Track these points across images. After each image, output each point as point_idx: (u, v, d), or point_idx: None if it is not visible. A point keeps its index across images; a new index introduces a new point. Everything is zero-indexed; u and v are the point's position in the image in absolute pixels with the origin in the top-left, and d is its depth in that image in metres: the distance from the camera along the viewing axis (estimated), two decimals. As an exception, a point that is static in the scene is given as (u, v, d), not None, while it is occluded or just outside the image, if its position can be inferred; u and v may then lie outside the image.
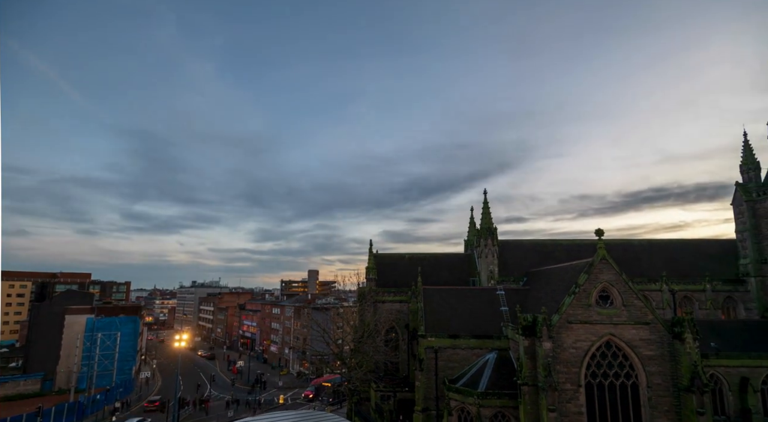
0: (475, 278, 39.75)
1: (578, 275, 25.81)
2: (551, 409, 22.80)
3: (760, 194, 36.62)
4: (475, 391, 25.72)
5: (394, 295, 39.56)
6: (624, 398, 23.73)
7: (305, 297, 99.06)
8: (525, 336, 25.01)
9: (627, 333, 24.45)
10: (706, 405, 22.58)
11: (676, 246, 42.33)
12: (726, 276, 37.38)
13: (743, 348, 29.03)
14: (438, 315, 32.57)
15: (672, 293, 35.05)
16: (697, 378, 22.73)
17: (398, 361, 37.37)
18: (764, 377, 27.85)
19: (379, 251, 45.12)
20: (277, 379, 68.89)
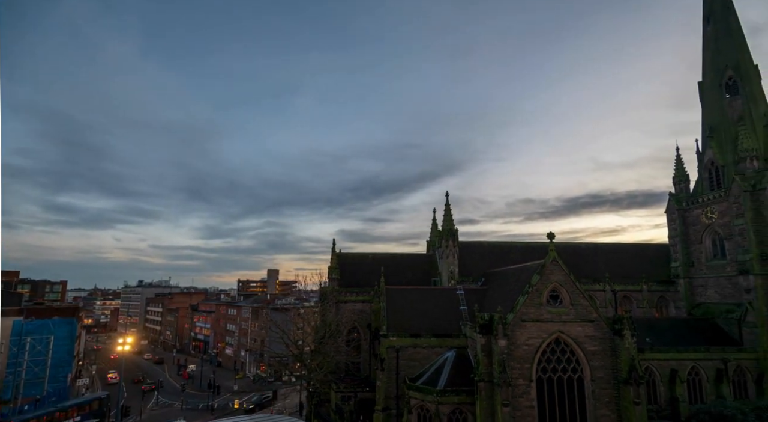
0: (437, 279, 40.75)
1: (531, 276, 27.27)
2: (505, 404, 23.91)
3: (689, 204, 40.62)
4: (435, 389, 26.39)
5: (357, 295, 39.57)
6: (570, 391, 25.38)
7: (264, 297, 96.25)
8: (482, 334, 26.05)
9: (574, 330, 26.17)
10: (642, 395, 24.73)
11: (618, 250, 46.65)
12: (660, 278, 41.20)
13: (673, 343, 32.13)
14: (400, 315, 33.01)
15: (614, 293, 38.10)
16: (634, 371, 24.81)
17: (360, 361, 37.45)
18: (689, 369, 31.02)
19: (342, 251, 44.92)
20: (232, 383, 66.40)
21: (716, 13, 42.08)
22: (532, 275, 27.31)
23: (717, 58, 41.31)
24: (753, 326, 32.59)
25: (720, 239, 37.42)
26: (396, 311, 33.35)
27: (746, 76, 39.35)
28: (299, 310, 54.70)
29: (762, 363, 31.77)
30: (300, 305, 62.33)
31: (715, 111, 40.79)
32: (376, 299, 36.75)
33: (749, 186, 34.93)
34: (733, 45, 40.66)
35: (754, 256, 33.74)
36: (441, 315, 32.78)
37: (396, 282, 37.27)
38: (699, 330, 34.60)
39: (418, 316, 32.97)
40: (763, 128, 38.00)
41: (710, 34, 42.63)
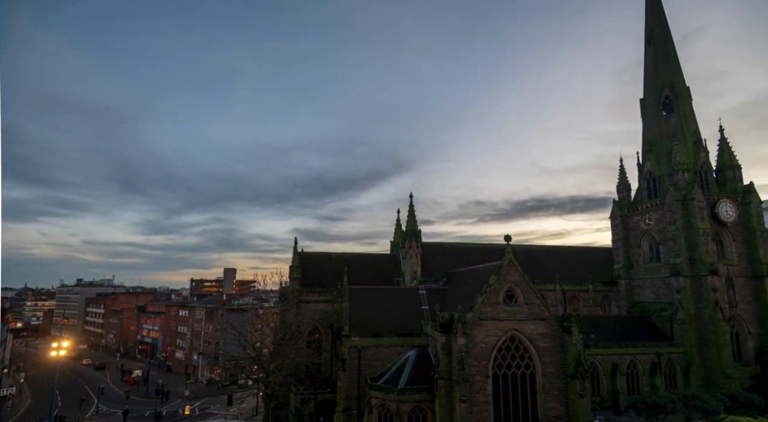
0: (400, 279, 41.29)
1: (489, 276, 28.43)
2: (463, 400, 24.74)
3: (630, 211, 44.23)
4: (396, 388, 26.74)
5: (319, 295, 39.11)
6: (523, 386, 26.76)
7: (219, 298, 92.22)
8: (442, 333, 26.76)
9: (527, 328, 27.61)
10: (587, 388, 26.60)
11: (567, 252, 50.08)
12: (604, 278, 44.54)
13: (614, 339, 34.85)
14: (363, 315, 33.08)
15: (563, 293, 40.67)
16: (580, 366, 26.62)
17: (321, 362, 37.01)
18: (628, 362, 33.81)
19: (304, 250, 44.19)
20: (182, 388, 63.04)
21: (656, 38, 46.09)
22: (489, 276, 28.47)
23: (656, 79, 45.23)
24: (682, 323, 36.14)
25: (656, 243, 41.05)
26: (359, 311, 33.39)
27: (680, 97, 43.44)
28: (257, 311, 53.04)
29: (689, 356, 35.34)
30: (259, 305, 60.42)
31: (653, 127, 44.66)
32: (338, 299, 36.56)
33: (681, 196, 38.56)
34: (670, 67, 44.71)
35: (684, 259, 37.34)
36: (403, 315, 33.25)
37: (359, 282, 37.30)
38: (637, 326, 37.84)
39: (381, 316, 33.22)
40: (692, 143, 42.17)
41: (650, 56, 46.60)
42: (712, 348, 34.77)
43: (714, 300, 35.49)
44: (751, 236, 38.93)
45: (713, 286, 35.94)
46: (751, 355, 36.45)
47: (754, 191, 39.89)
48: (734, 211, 39.14)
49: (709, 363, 34.84)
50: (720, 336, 34.51)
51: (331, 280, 39.08)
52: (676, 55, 45.64)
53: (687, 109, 43.75)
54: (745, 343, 36.76)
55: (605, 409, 31.80)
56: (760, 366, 36.00)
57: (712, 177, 41.51)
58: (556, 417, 26.14)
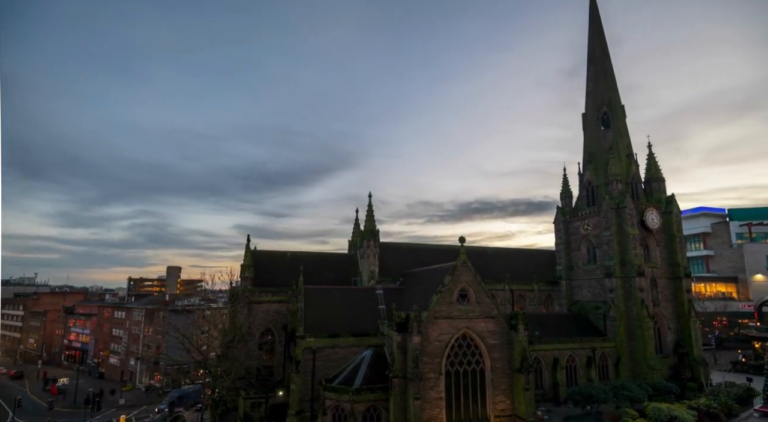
0: (358, 278, 41.25)
1: (444, 277, 29.22)
2: (417, 397, 25.24)
3: (571, 216, 47.75)
4: (350, 388, 26.64)
5: (272, 295, 38.00)
6: (473, 381, 27.81)
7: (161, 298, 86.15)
8: (398, 332, 27.11)
9: (478, 326, 28.75)
10: (531, 382, 28.24)
11: (516, 254, 53.05)
12: (548, 279, 47.68)
13: (556, 335, 37.40)
14: (318, 315, 32.63)
15: (511, 292, 42.93)
16: (525, 361, 28.21)
17: (273, 365, 35.93)
18: (568, 357, 36.45)
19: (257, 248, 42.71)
20: (117, 396, 58.10)
21: (596, 57, 50.14)
22: (445, 276, 29.28)
23: (596, 96, 49.20)
24: (614, 319, 39.64)
25: (593, 247, 44.65)
26: (314, 311, 32.89)
27: (616, 113, 47.61)
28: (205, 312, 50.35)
29: (619, 350, 38.83)
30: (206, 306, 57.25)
31: (593, 140, 48.51)
32: (293, 300, 35.79)
33: (615, 204, 42.24)
34: (608, 86, 48.82)
35: (616, 262, 40.97)
36: (360, 315, 33.25)
37: (316, 282, 36.75)
38: (575, 323, 40.93)
39: (337, 316, 32.97)
40: (626, 157, 46.37)
41: (591, 74, 50.60)
42: (638, 342, 38.49)
43: (641, 299, 39.31)
44: (671, 241, 43.56)
45: (640, 286, 39.78)
46: (670, 348, 40.83)
47: (674, 202, 44.68)
48: (659, 219, 43.57)
49: (635, 355, 38.54)
50: (645, 331, 38.30)
51: (286, 280, 38.17)
52: (614, 76, 49.96)
53: (622, 125, 48.00)
54: (665, 337, 41.11)
55: (547, 401, 34.04)
56: (676, 358, 40.44)
57: (641, 188, 45.87)
58: (503, 410, 27.49)
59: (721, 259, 68.12)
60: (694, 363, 39.64)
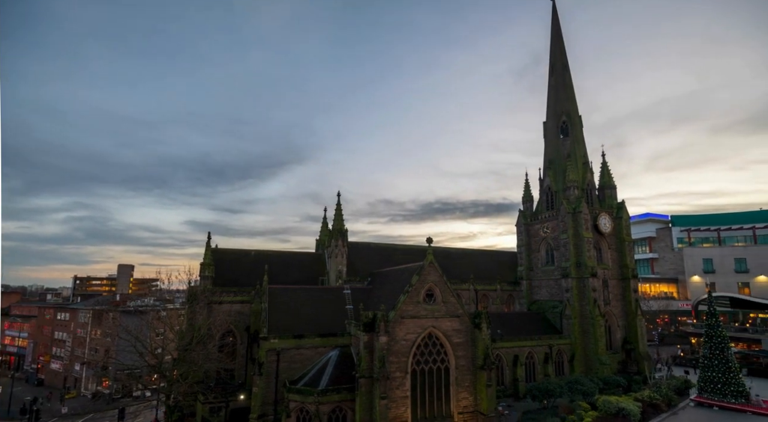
0: (325, 278, 40.73)
1: (411, 277, 29.53)
2: (383, 397, 25.28)
3: (532, 220, 49.88)
4: (316, 389, 26.23)
5: (235, 295, 36.65)
6: (438, 379, 28.29)
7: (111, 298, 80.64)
8: (365, 332, 27.06)
9: (444, 325, 29.29)
10: (492, 378, 29.13)
11: (480, 255, 54.52)
12: (510, 279, 49.47)
13: (516, 333, 38.85)
14: (284, 315, 31.91)
15: (475, 292, 44.15)
16: (488, 358, 29.07)
17: (234, 368, 34.62)
18: (527, 354, 37.96)
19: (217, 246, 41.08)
20: (59, 405, 53.64)
21: (557, 69, 52.80)
22: (412, 276, 29.57)
23: (556, 106, 51.75)
24: (569, 318, 41.79)
25: (551, 249, 46.87)
26: (279, 311, 32.13)
27: (574, 123, 50.33)
28: (160, 313, 47.73)
29: (574, 347, 40.97)
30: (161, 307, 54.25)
31: (553, 147, 50.96)
32: (257, 300, 34.69)
33: (571, 209, 44.60)
34: (567, 98, 51.53)
35: (572, 263, 43.26)
36: (327, 315, 32.87)
37: (282, 281, 35.91)
38: (534, 322, 42.74)
39: (303, 316, 32.39)
40: (582, 164, 49.11)
41: (552, 85, 53.19)
42: (591, 339, 40.82)
43: (593, 299, 41.73)
44: (621, 245, 46.61)
45: (593, 287, 42.24)
46: (619, 344, 43.65)
47: (624, 208, 47.87)
48: (610, 224, 46.49)
49: (588, 352, 40.85)
50: (597, 329, 40.70)
51: (250, 279, 37.02)
52: (573, 89, 52.74)
53: (579, 134, 50.80)
54: (615, 334, 43.90)
55: (507, 396, 35.28)
56: (624, 353, 43.31)
57: (595, 194, 48.76)
58: (466, 407, 28.17)
59: (664, 261, 73.85)
60: (640, 357, 42.64)
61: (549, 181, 49.20)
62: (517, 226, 50.96)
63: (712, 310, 37.15)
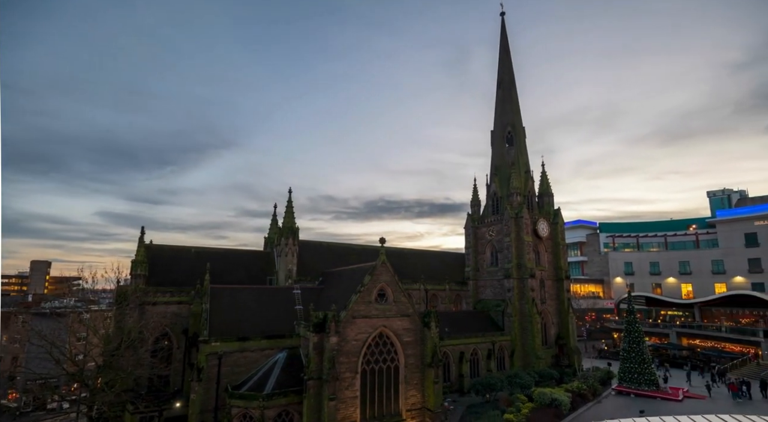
0: (273, 278, 39.16)
1: (364, 276, 29.43)
2: (331, 398, 24.83)
3: (479, 223, 52.20)
4: (261, 394, 25.07)
5: (171, 295, 34.02)
6: (388, 378, 28.40)
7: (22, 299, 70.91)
8: (315, 333, 26.43)
9: (395, 324, 29.51)
10: (439, 375, 29.84)
11: (431, 255, 55.98)
12: (458, 279, 51.24)
13: (462, 331, 40.26)
14: (226, 317, 30.19)
15: (426, 292, 45.17)
16: (435, 356, 29.74)
17: (170, 374, 32.01)
18: (472, 350, 39.48)
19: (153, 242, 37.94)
20: (-56, 425, 45.83)
21: (504, 82, 55.90)
22: (364, 276, 29.47)
23: (502, 117, 54.66)
24: (510, 316, 44.22)
25: (496, 251, 49.34)
26: (222, 312, 30.35)
27: (518, 134, 53.56)
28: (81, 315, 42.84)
29: (514, 343, 43.39)
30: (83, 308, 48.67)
31: (499, 155, 53.76)
32: (197, 300, 32.49)
33: (514, 214, 47.36)
34: (513, 110, 54.64)
35: (514, 265, 45.89)
36: (275, 316, 31.64)
37: (226, 281, 34.00)
38: (479, 320, 44.63)
39: (248, 317, 30.87)
40: (524, 172, 52.37)
41: (500, 97, 56.15)
42: (529, 336, 43.53)
43: (532, 298, 44.58)
44: (557, 248, 50.35)
45: (532, 287, 45.13)
46: (553, 340, 47.01)
47: (560, 215, 51.79)
48: (548, 229, 50.03)
49: (527, 347, 43.51)
50: (534, 326, 43.50)
51: (189, 278, 34.61)
52: (518, 100, 56.02)
53: (522, 145, 54.10)
54: (550, 331, 47.23)
55: (453, 392, 36.40)
56: (557, 348, 46.73)
57: (535, 201, 52.22)
58: (414, 404, 28.57)
59: (592, 264, 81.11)
60: (571, 351, 46.28)
61: (495, 187, 51.80)
62: (465, 229, 52.98)
63: (631, 308, 41.51)
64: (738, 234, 65.01)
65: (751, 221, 63.97)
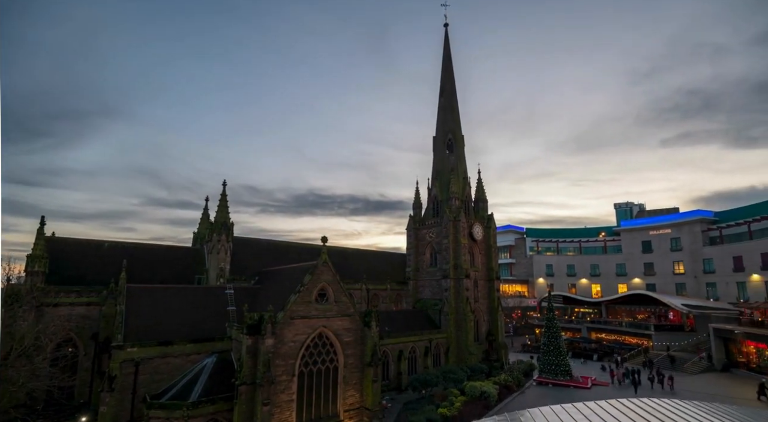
0: (203, 277, 36.17)
1: (304, 276, 28.49)
2: (265, 403, 23.51)
3: (420, 225, 53.57)
4: (185, 402, 22.87)
5: (78, 295, 29.86)
6: (326, 379, 27.69)
7: None
8: (249, 335, 24.89)
9: (335, 324, 28.94)
10: (378, 374, 29.85)
11: (373, 255, 56.24)
12: (399, 279, 51.97)
13: (402, 329, 40.79)
14: (146, 319, 27.21)
15: (367, 291, 45.08)
16: (375, 355, 29.71)
17: (75, 385, 27.91)
18: (410, 348, 40.13)
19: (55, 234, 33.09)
20: None
21: (446, 91, 58.20)
22: (304, 275, 28.54)
23: (444, 124, 56.77)
24: (447, 314, 45.87)
25: (435, 252, 50.96)
26: (140, 314, 27.31)
27: (457, 141, 55.97)
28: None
29: (449, 340, 45.04)
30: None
31: (440, 161, 55.67)
32: (110, 301, 28.98)
33: (452, 217, 49.35)
34: (453, 119, 56.97)
35: (451, 266, 47.75)
36: (204, 318, 29.21)
37: (146, 280, 30.71)
38: (418, 318, 45.64)
39: (173, 320, 28.11)
40: (462, 179, 54.84)
41: (442, 105, 58.30)
42: (463, 333, 45.50)
43: (466, 297, 46.71)
44: (489, 251, 53.42)
45: (467, 286, 47.30)
46: (484, 336, 49.67)
47: (493, 219, 55.04)
48: (482, 232, 52.88)
49: (461, 344, 45.41)
50: (468, 323, 45.60)
51: (101, 276, 30.85)
52: (458, 111, 58.47)
53: (461, 152, 56.60)
54: (481, 328, 49.84)
55: (391, 390, 36.64)
56: (488, 343, 49.48)
57: (472, 206, 54.95)
58: (352, 404, 28.19)
59: (519, 266, 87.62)
60: (499, 347, 49.31)
61: (436, 191, 53.55)
62: (407, 230, 54.00)
63: (551, 306, 45.53)
64: (636, 242, 74.66)
65: (647, 231, 73.91)
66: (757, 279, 56.09)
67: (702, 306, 56.54)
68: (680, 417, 13.72)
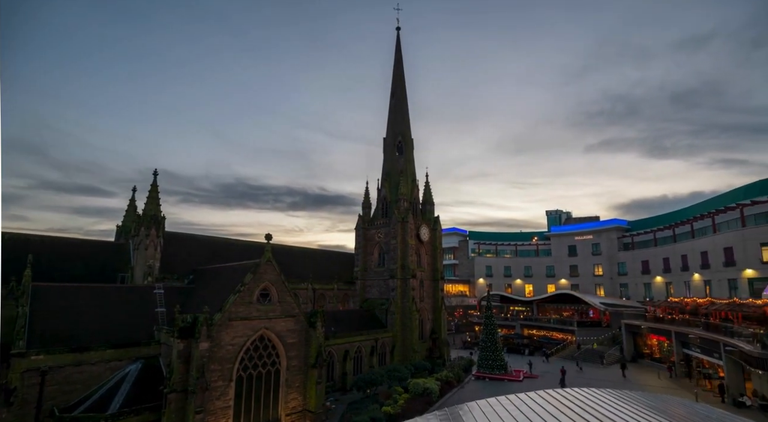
0: (127, 275, 32.63)
1: (245, 275, 27.01)
2: (198, 411, 21.78)
3: (369, 225, 53.51)
4: (103, 414, 20.42)
5: (-32, 299, 25.37)
6: (267, 383, 26.37)
7: None
8: (181, 338, 22.92)
9: (278, 326, 27.74)
10: (323, 375, 29.07)
11: (320, 254, 54.97)
12: (346, 279, 51.30)
13: (348, 329, 40.25)
14: (56, 323, 23.98)
15: (314, 291, 43.83)
16: (320, 357, 28.93)
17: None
18: (356, 348, 39.69)
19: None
20: None
21: (397, 93, 59.00)
22: (246, 274, 27.06)
23: (394, 125, 57.46)
24: (393, 313, 46.14)
25: (383, 252, 51.16)
26: (49, 317, 24.02)
27: (407, 144, 56.88)
28: None
29: (395, 339, 45.31)
30: None
31: (390, 162, 56.18)
32: (10, 302, 25.00)
33: (401, 218, 49.97)
34: (403, 122, 57.83)
35: (398, 266, 48.24)
36: (127, 320, 26.37)
37: (58, 278, 27.08)
38: (365, 318, 45.37)
39: (89, 323, 25.03)
40: (411, 181, 55.85)
41: (392, 107, 58.98)
42: (408, 331, 46.07)
43: (412, 296, 47.43)
44: (435, 252, 54.86)
45: (413, 286, 48.05)
46: (428, 334, 50.73)
47: (439, 222, 56.61)
48: (429, 234, 54.16)
49: (406, 342, 45.92)
50: (413, 321, 46.30)
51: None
52: (408, 113, 59.50)
53: (410, 155, 57.55)
54: (426, 326, 50.86)
55: (336, 390, 35.86)
56: (431, 341, 50.64)
57: (419, 207, 56.10)
58: (294, 407, 27.12)
59: (462, 267, 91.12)
60: (442, 344, 50.68)
61: (385, 191, 53.88)
62: (356, 229, 53.62)
63: (489, 305, 47.84)
64: (564, 246, 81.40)
65: (573, 237, 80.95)
66: (660, 281, 63.72)
67: (616, 304, 63.12)
68: (594, 402, 15.41)
